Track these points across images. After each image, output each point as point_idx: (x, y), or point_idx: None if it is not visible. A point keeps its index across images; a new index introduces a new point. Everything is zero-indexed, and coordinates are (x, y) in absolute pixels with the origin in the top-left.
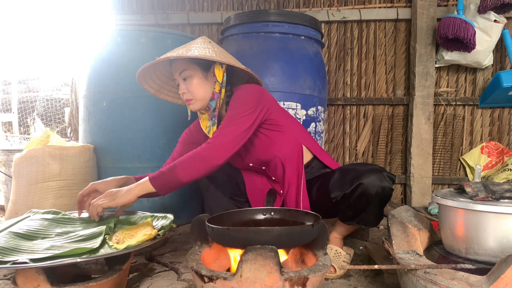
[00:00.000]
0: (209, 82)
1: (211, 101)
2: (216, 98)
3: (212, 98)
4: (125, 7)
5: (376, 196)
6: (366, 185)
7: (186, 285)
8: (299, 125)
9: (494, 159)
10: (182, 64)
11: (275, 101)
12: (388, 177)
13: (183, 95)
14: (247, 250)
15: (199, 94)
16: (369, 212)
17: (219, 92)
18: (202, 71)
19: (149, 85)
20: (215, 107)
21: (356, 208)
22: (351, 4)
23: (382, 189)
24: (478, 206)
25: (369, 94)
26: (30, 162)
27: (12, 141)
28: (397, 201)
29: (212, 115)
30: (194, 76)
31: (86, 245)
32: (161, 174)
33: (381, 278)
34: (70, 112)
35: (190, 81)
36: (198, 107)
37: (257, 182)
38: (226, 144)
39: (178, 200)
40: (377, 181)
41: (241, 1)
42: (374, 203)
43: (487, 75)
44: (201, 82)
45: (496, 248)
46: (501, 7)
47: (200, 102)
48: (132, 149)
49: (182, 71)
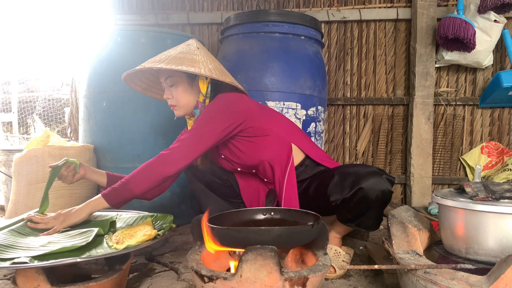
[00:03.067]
0: (194, 91)
1: (195, 109)
2: (200, 107)
3: (196, 107)
4: (125, 7)
5: (376, 200)
6: (366, 189)
7: (186, 285)
8: (288, 124)
9: (494, 159)
10: (168, 70)
11: (254, 107)
12: (388, 180)
13: (168, 100)
14: (247, 250)
15: (183, 101)
16: (368, 216)
17: (203, 102)
18: (188, 80)
19: (136, 84)
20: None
21: (356, 212)
22: (351, 4)
23: (382, 193)
24: (478, 206)
25: (369, 94)
26: (30, 162)
27: (12, 141)
28: (397, 201)
29: None
30: (180, 84)
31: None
32: (113, 190)
33: (381, 278)
34: (70, 112)
35: (176, 88)
36: (182, 114)
37: (251, 183)
38: (179, 159)
39: (178, 200)
40: (377, 185)
41: (241, 1)
42: (374, 207)
43: (487, 75)
44: (186, 90)
45: (496, 248)
46: (501, 7)
47: (183, 109)
48: (132, 149)
49: (168, 77)
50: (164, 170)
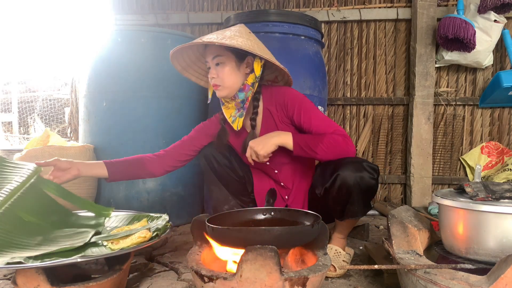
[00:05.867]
0: (240, 73)
1: (239, 92)
2: (247, 90)
3: (241, 89)
4: (125, 7)
5: (355, 185)
6: (343, 175)
7: (186, 285)
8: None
9: (494, 159)
10: (217, 49)
11: None
12: (368, 167)
13: (212, 80)
14: (247, 250)
15: (228, 82)
16: (352, 202)
17: (251, 84)
18: (236, 60)
19: (179, 61)
20: (244, 99)
21: (340, 200)
22: (351, 4)
23: (361, 178)
24: (478, 206)
25: (369, 94)
26: (30, 162)
27: (12, 141)
28: (397, 201)
29: (240, 106)
30: (227, 64)
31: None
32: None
33: (381, 278)
34: (70, 112)
35: (222, 68)
36: (224, 95)
37: (265, 184)
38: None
39: (178, 200)
40: (355, 171)
41: (241, 1)
42: (355, 193)
43: (487, 75)
44: (233, 71)
45: (496, 248)
46: (501, 7)
47: (227, 90)
48: (132, 149)
49: (215, 56)
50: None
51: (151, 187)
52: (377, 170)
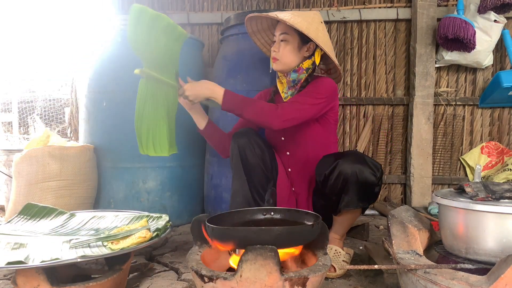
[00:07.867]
0: (300, 54)
1: (293, 72)
2: (300, 73)
3: (295, 70)
4: (125, 7)
5: (353, 176)
6: (343, 164)
7: (186, 285)
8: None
9: (494, 159)
10: (286, 27)
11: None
12: (371, 162)
13: (273, 53)
14: (247, 250)
15: (286, 59)
16: (347, 192)
17: (305, 69)
18: (300, 42)
19: (251, 25)
20: (296, 80)
21: (336, 189)
22: (351, 4)
23: (360, 170)
24: (478, 206)
25: (369, 94)
26: (30, 162)
27: (12, 141)
28: (397, 201)
29: (291, 85)
30: (290, 43)
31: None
32: (235, 96)
33: (381, 278)
34: (70, 112)
35: (285, 45)
36: (279, 69)
37: (286, 185)
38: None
39: (178, 200)
40: (355, 163)
41: (241, 1)
42: (351, 183)
43: (487, 75)
44: (293, 51)
45: (496, 248)
46: (501, 7)
47: (283, 66)
48: (132, 149)
49: (283, 33)
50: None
51: (151, 187)
52: (379, 168)
